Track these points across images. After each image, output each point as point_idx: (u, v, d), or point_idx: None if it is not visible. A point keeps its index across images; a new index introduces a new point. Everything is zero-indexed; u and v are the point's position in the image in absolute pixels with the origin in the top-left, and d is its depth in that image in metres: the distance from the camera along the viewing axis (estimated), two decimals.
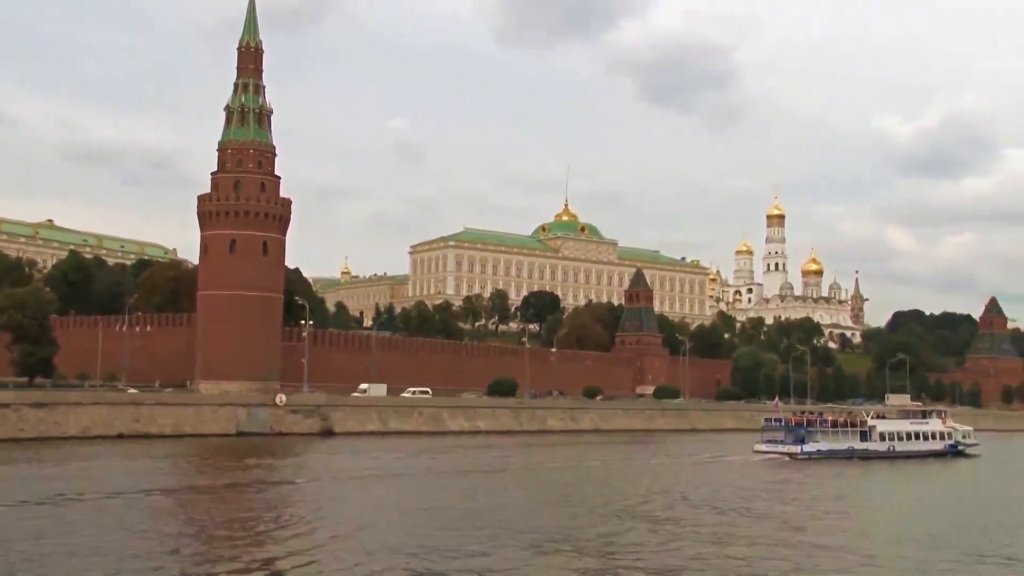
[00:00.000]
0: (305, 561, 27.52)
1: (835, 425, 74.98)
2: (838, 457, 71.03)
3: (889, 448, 75.56)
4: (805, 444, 71.30)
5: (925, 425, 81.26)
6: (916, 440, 78.50)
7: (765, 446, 73.18)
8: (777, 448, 71.89)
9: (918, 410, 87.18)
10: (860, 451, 73.14)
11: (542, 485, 51.77)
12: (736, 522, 37.72)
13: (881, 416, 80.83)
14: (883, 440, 75.81)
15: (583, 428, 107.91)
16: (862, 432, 75.14)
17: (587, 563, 28.22)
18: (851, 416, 77.78)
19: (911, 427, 79.82)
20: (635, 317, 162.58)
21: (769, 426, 76.53)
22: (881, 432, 76.20)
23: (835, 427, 74.75)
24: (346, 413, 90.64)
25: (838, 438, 73.76)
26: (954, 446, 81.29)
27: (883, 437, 76.02)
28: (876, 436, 75.62)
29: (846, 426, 75.26)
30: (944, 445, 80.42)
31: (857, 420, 76.50)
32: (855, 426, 75.44)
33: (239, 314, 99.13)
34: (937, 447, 79.63)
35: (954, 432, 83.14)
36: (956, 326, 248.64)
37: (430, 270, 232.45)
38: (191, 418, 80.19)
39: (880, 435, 75.92)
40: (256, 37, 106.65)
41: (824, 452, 71.31)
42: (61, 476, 48.56)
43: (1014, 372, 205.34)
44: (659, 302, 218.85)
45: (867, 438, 75.01)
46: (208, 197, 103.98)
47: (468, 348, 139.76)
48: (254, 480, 49.56)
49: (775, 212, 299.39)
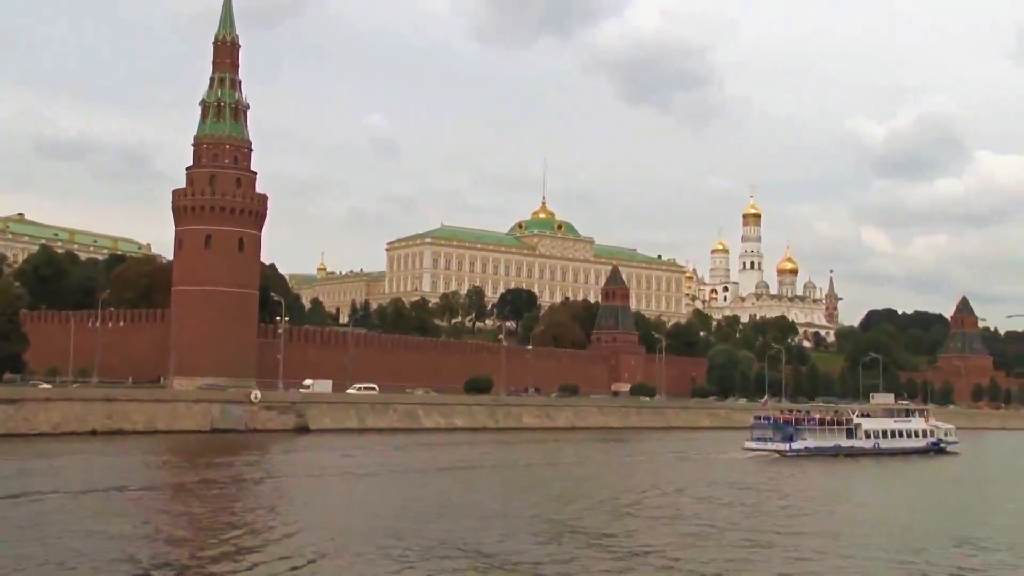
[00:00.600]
0: (276, 558, 27.35)
1: (822, 423, 76.07)
2: (825, 454, 72.19)
3: (874, 445, 76.84)
4: (793, 442, 72.51)
5: (908, 423, 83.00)
6: (900, 438, 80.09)
7: (755, 443, 74.01)
8: (766, 445, 72.91)
9: (902, 409, 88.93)
10: (846, 448, 74.43)
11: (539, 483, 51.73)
12: (735, 515, 39.24)
13: (866, 414, 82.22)
14: (868, 438, 77.18)
15: (559, 426, 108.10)
16: (848, 430, 76.48)
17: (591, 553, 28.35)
18: (837, 414, 79.13)
19: (895, 425, 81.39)
20: (611, 315, 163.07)
21: (759, 424, 77.27)
22: (866, 430, 77.58)
23: (822, 425, 75.83)
24: (321, 410, 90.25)
25: (825, 436, 74.99)
26: (936, 444, 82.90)
27: (868, 435, 77.38)
28: (861, 434, 76.99)
29: (833, 424, 76.37)
30: (926, 443, 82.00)
31: (843, 418, 77.83)
32: (841, 424, 76.62)
33: (214, 310, 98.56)
34: (920, 445, 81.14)
35: (936, 430, 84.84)
36: (928, 325, 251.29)
37: (407, 267, 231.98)
38: (165, 414, 79.55)
39: (865, 433, 77.30)
40: (232, 31, 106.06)
41: (812, 449, 72.40)
42: (30, 472, 48.03)
43: (984, 371, 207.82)
44: (635, 300, 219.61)
45: (853, 436, 76.38)
46: (183, 192, 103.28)
47: (444, 345, 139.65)
48: (227, 477, 49.27)
49: (751, 211, 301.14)
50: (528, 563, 27.23)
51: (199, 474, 50.48)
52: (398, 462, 61.07)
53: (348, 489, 46.87)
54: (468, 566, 26.67)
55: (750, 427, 78.94)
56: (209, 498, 40.81)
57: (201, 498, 40.80)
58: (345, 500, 42.74)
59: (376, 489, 46.89)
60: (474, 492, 45.26)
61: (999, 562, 30.26)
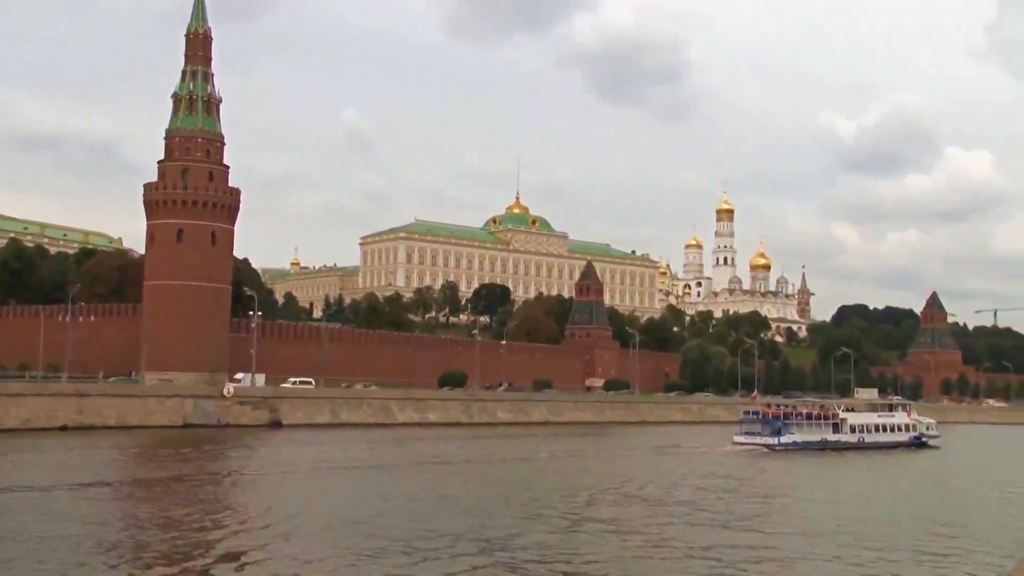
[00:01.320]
0: (245, 553, 27.33)
1: (809, 418, 77.50)
2: (812, 448, 73.37)
3: (859, 440, 78.25)
4: (781, 436, 73.66)
5: (892, 418, 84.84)
6: (884, 432, 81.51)
7: (743, 438, 75.15)
8: (755, 440, 74.01)
9: (885, 404, 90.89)
10: (832, 443, 75.83)
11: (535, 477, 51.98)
12: (738, 506, 40.61)
13: (851, 409, 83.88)
14: (853, 432, 78.51)
15: (533, 421, 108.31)
16: (834, 424, 77.83)
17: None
18: (823, 409, 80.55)
19: (879, 420, 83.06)
20: (585, 310, 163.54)
21: (747, 419, 78.74)
22: (851, 424, 78.92)
23: (809, 420, 77.24)
24: (294, 405, 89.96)
25: (812, 430, 76.29)
26: (918, 438, 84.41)
27: (853, 429, 78.73)
28: (847, 428, 78.27)
29: (819, 419, 77.84)
30: (909, 437, 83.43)
31: (830, 413, 79.31)
32: (827, 419, 78.10)
33: (186, 305, 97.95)
34: (903, 439, 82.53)
35: (918, 424, 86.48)
36: (899, 320, 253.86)
37: (381, 262, 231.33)
38: (136, 409, 78.98)
39: (851, 427, 78.63)
40: (204, 24, 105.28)
41: (799, 444, 73.59)
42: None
43: (953, 365, 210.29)
44: (609, 295, 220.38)
45: (839, 430, 77.72)
46: (155, 186, 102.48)
47: (418, 340, 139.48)
48: (198, 472, 49.08)
49: (724, 207, 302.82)
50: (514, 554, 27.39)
51: (170, 469, 50.24)
52: (371, 457, 61.04)
53: (320, 484, 46.82)
54: (443, 562, 26.77)
55: (739, 421, 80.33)
56: (180, 493, 40.64)
57: (172, 494, 40.63)
58: (317, 495, 42.67)
59: (348, 485, 46.88)
60: (447, 487, 45.34)
61: (961, 547, 31.20)
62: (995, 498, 47.93)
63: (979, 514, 40.81)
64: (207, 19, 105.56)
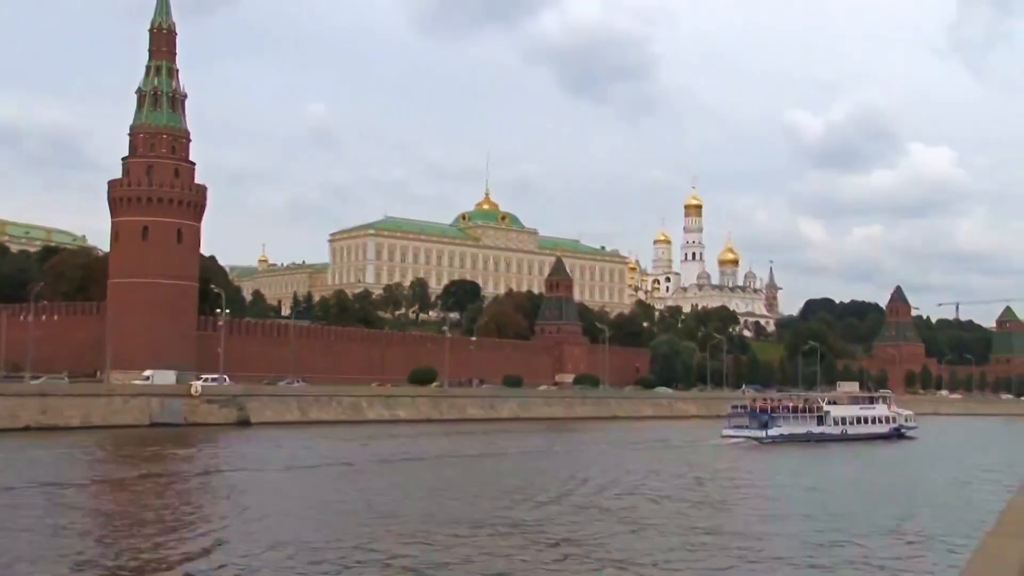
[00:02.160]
0: (211, 554, 27.05)
1: (795, 411, 79.90)
2: (798, 440, 75.61)
3: (842, 432, 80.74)
4: (769, 429, 75.59)
5: (873, 410, 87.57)
6: (865, 424, 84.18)
7: (732, 431, 76.77)
8: (743, 432, 75.76)
9: (866, 396, 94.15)
10: (817, 435, 78.24)
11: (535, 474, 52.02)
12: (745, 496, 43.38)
13: (834, 402, 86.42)
14: (836, 424, 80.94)
15: (503, 416, 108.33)
16: (819, 417, 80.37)
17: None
18: (808, 403, 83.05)
19: (860, 412, 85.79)
20: (555, 306, 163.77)
21: (735, 412, 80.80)
22: (835, 417, 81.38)
23: (795, 413, 79.60)
24: (263, 403, 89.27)
25: (798, 423, 78.50)
26: (897, 429, 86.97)
27: (836, 422, 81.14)
28: (831, 421, 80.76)
29: (804, 412, 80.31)
30: (889, 428, 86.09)
31: (814, 406, 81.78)
32: (812, 412, 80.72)
33: (152, 303, 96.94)
34: (883, 430, 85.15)
35: (897, 416, 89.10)
36: (864, 314, 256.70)
37: (350, 258, 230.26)
38: (101, 409, 77.95)
39: (834, 420, 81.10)
40: (168, 18, 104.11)
41: (786, 436, 75.72)
42: None
43: (916, 358, 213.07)
44: (579, 291, 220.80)
45: (823, 423, 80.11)
46: (119, 182, 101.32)
47: (388, 337, 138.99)
48: (164, 472, 48.52)
49: (693, 202, 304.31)
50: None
51: (135, 469, 49.61)
52: (340, 455, 60.68)
53: (289, 483, 46.46)
54: (414, 560, 26.67)
55: (727, 415, 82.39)
56: (144, 494, 40.16)
57: (137, 494, 40.14)
58: (285, 494, 42.35)
59: (317, 483, 46.61)
60: (419, 484, 45.26)
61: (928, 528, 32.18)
62: (970, 484, 49.92)
63: (948, 498, 42.92)
64: (171, 14, 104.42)
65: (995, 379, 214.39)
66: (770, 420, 76.69)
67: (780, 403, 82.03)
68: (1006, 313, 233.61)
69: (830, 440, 78.03)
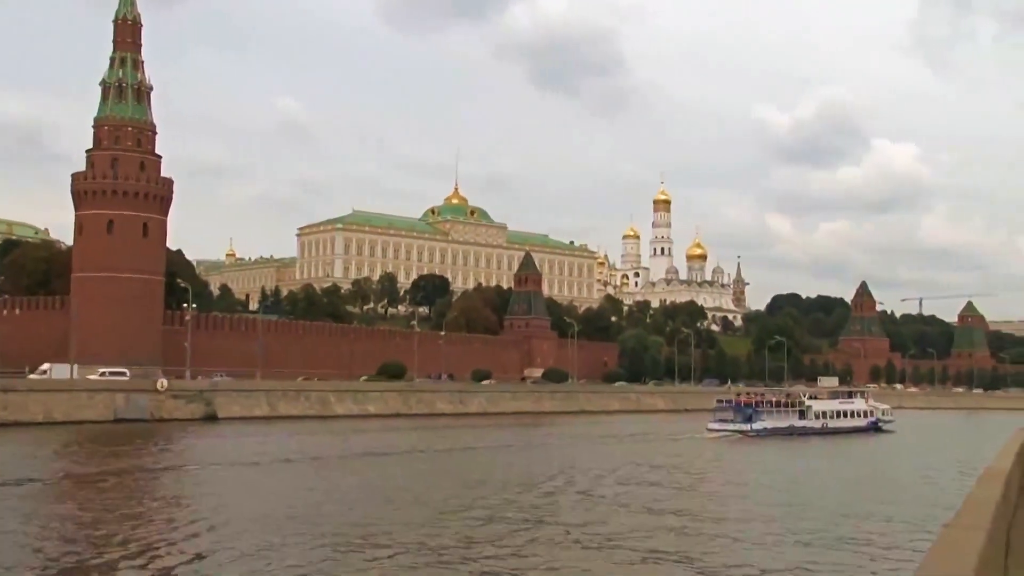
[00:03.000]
0: (174, 551, 26.82)
1: (778, 405, 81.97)
2: (780, 434, 77.39)
3: (823, 425, 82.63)
4: (753, 423, 77.14)
5: (852, 404, 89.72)
6: (845, 418, 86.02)
7: (717, 424, 78.42)
8: (728, 426, 77.18)
9: (845, 391, 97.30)
10: (799, 428, 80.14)
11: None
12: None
13: (814, 397, 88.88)
14: (818, 418, 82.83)
15: (472, 411, 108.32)
16: (800, 411, 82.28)
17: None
18: (789, 397, 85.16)
19: (840, 406, 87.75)
20: (524, 300, 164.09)
21: (720, 407, 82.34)
22: (816, 411, 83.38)
23: (778, 407, 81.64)
24: (231, 398, 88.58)
25: (780, 417, 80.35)
26: (875, 423, 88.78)
27: (817, 416, 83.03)
28: (812, 415, 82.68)
29: (787, 406, 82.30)
30: (867, 422, 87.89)
31: (796, 400, 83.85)
32: (794, 406, 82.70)
33: (117, 297, 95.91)
34: (861, 424, 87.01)
35: (875, 410, 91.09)
36: (830, 309, 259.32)
37: (318, 253, 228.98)
38: (64, 404, 76.93)
39: (815, 414, 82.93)
40: (134, 9, 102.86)
41: (769, 430, 77.56)
42: None
43: (881, 352, 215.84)
44: (548, 286, 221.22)
45: (805, 416, 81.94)
46: (83, 175, 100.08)
47: (357, 332, 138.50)
48: (128, 468, 47.93)
49: (661, 197, 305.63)
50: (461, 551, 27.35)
51: (98, 465, 49.03)
52: (308, 450, 60.36)
53: (256, 478, 46.19)
54: (381, 555, 26.65)
55: (712, 410, 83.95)
56: (107, 490, 39.68)
57: (99, 491, 39.64)
58: (252, 490, 42.11)
59: (284, 478, 46.38)
60: (389, 479, 45.20)
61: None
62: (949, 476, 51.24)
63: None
64: (136, 4, 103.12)
65: (956, 373, 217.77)
66: (754, 414, 78.30)
67: (763, 398, 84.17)
68: (968, 308, 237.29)
69: (811, 433, 79.76)
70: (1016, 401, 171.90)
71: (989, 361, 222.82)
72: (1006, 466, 12.97)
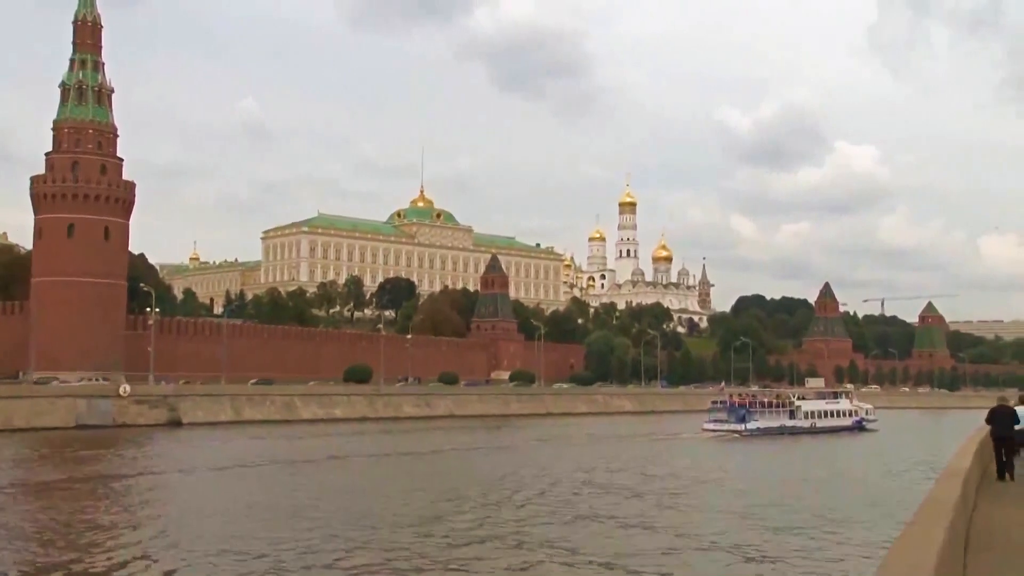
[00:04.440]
0: (133, 559, 26.50)
1: (769, 406, 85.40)
2: (772, 433, 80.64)
3: (811, 425, 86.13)
4: (747, 423, 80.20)
5: (838, 404, 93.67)
6: (831, 417, 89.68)
7: (712, 424, 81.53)
8: (723, 426, 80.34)
9: (831, 392, 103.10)
10: (789, 428, 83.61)
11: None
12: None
13: (803, 397, 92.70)
14: (806, 418, 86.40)
15: (438, 414, 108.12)
16: (790, 411, 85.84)
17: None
18: (780, 398, 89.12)
19: (827, 406, 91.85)
20: (490, 303, 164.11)
21: (715, 407, 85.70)
22: (805, 411, 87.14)
23: (770, 408, 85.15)
24: (195, 403, 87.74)
25: (772, 417, 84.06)
26: (859, 422, 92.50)
27: (806, 415, 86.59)
28: (801, 415, 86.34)
29: (778, 407, 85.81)
30: (852, 421, 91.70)
31: (786, 401, 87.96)
32: (785, 406, 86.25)
33: (78, 302, 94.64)
34: (847, 423, 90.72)
35: (859, 410, 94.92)
36: (794, 310, 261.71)
37: (283, 256, 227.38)
38: (24, 411, 75.72)
39: (804, 414, 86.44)
40: (93, 10, 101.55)
41: (762, 429, 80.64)
42: None
43: (844, 353, 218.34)
44: (514, 288, 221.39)
45: (794, 416, 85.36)
46: (43, 178, 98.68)
47: (322, 335, 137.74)
48: (89, 474, 47.26)
49: (627, 199, 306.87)
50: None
51: (57, 472, 48.32)
52: (273, 455, 59.94)
53: (218, 484, 45.78)
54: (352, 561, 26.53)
55: (708, 410, 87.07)
56: (66, 498, 39.09)
57: (59, 498, 39.05)
58: (213, 496, 41.72)
59: (247, 484, 45.95)
60: (352, 483, 44.97)
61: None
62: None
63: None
64: (95, 5, 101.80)
65: (917, 373, 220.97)
66: (747, 414, 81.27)
67: (755, 398, 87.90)
68: (928, 308, 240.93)
69: (801, 433, 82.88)
70: (977, 400, 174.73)
71: (949, 361, 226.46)
72: (965, 465, 13.23)
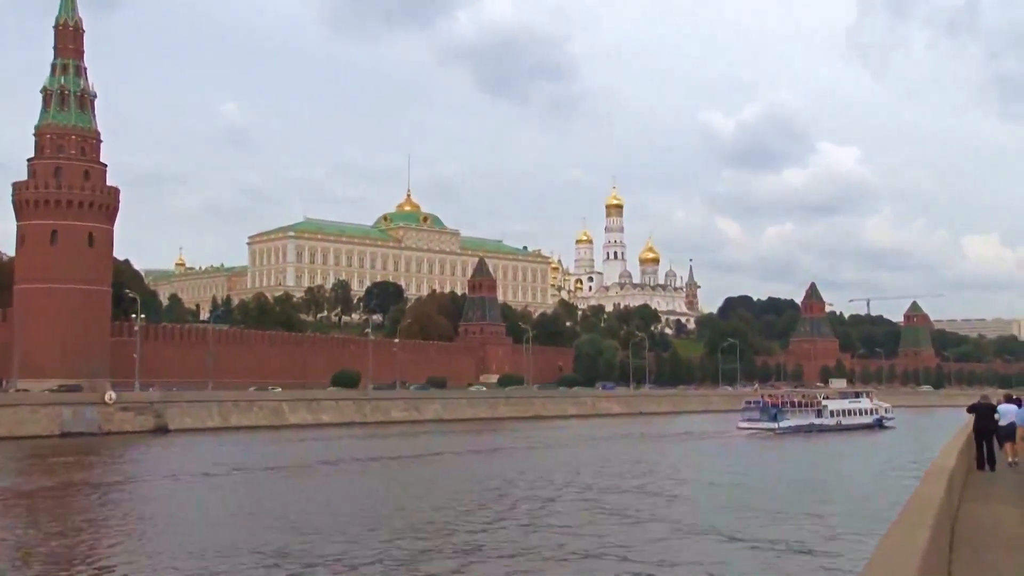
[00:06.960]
0: (119, 565, 26.28)
1: (798, 405, 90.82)
2: (802, 431, 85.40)
3: (837, 423, 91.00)
4: (780, 421, 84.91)
5: (859, 403, 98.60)
6: (854, 416, 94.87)
7: (747, 423, 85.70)
8: (757, 424, 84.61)
9: (852, 391, 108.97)
10: (818, 425, 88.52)
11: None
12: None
13: (828, 397, 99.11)
14: (832, 416, 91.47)
15: (426, 419, 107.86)
16: (818, 410, 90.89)
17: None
18: (807, 397, 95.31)
19: (850, 405, 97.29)
20: (478, 306, 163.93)
21: (748, 407, 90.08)
22: (831, 410, 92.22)
23: (798, 407, 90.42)
24: (182, 409, 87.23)
25: (802, 415, 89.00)
26: (879, 420, 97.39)
27: (832, 414, 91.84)
28: (828, 413, 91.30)
29: (806, 406, 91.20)
30: (872, 419, 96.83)
31: (813, 400, 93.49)
32: (812, 406, 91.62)
33: (62, 309, 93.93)
34: (868, 421, 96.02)
35: (879, 409, 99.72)
36: (781, 311, 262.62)
37: (270, 261, 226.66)
38: (8, 419, 75.03)
39: (830, 412, 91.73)
40: (75, 15, 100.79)
41: (793, 427, 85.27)
42: None
43: (830, 353, 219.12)
44: (502, 291, 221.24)
45: (821, 415, 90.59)
46: (25, 185, 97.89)
47: (310, 340, 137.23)
48: (73, 483, 46.83)
49: (613, 202, 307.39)
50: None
51: (42, 480, 47.86)
52: (260, 461, 59.62)
53: (206, 491, 45.43)
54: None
55: (741, 409, 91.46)
56: (52, 506, 38.78)
57: (44, 507, 38.74)
58: (201, 503, 41.43)
59: (236, 490, 45.68)
60: (341, 490, 44.73)
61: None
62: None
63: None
64: (77, 9, 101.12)
65: (904, 371, 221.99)
66: (779, 413, 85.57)
67: (785, 398, 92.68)
68: (913, 308, 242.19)
69: (827, 430, 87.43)
70: (963, 399, 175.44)
71: (934, 359, 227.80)
72: (950, 463, 13.18)
